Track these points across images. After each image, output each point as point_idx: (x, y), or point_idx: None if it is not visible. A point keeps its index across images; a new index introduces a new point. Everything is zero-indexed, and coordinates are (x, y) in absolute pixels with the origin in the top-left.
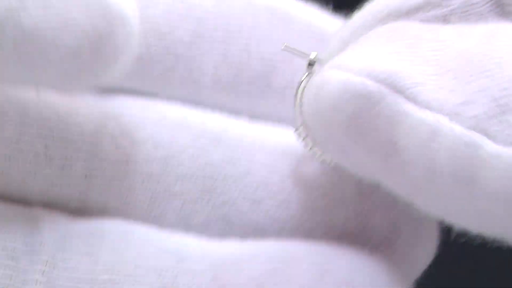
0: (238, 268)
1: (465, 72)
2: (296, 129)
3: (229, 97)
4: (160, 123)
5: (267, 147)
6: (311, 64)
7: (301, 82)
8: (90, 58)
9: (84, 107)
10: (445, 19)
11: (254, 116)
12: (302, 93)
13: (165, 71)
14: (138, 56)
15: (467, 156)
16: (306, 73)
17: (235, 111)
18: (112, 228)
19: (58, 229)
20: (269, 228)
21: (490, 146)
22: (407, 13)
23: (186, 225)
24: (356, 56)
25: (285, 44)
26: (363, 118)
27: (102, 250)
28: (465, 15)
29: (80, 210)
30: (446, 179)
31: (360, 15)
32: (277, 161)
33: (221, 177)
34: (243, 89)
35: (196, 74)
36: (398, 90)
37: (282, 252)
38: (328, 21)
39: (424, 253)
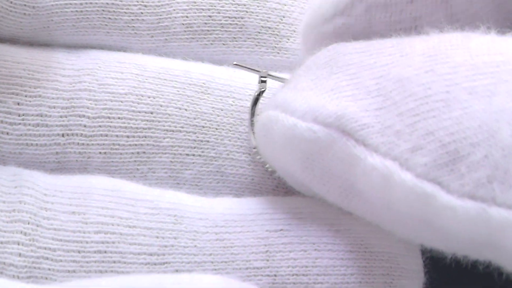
0: (243, 228)
1: (410, 108)
2: (254, 148)
3: (202, 44)
4: (141, 75)
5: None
6: (263, 81)
7: (255, 100)
8: None
9: (56, 63)
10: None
11: (230, 64)
12: (254, 114)
13: (133, 21)
14: (103, 5)
15: (421, 206)
16: (259, 90)
17: (209, 60)
18: (99, 185)
19: (37, 185)
20: (265, 182)
21: (443, 197)
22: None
23: (176, 179)
24: (299, 95)
25: (235, 63)
26: (316, 160)
27: (91, 209)
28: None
29: (58, 171)
30: (406, 219)
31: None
32: None
33: (214, 126)
34: (216, 35)
35: (165, 22)
36: (347, 133)
37: (288, 210)
38: None
39: None
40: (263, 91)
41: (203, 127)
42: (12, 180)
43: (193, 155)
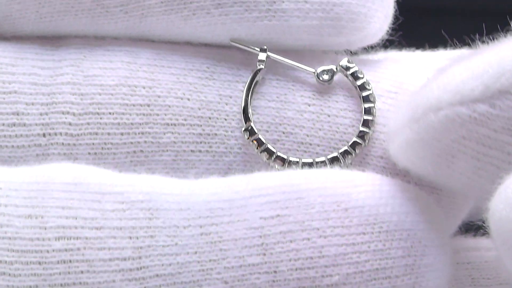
0: (232, 217)
1: None
2: (245, 129)
3: (182, 16)
4: (133, 64)
5: None
6: (260, 60)
7: (252, 79)
8: None
9: (33, 54)
10: None
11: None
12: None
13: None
14: None
15: None
16: (256, 69)
17: (193, 34)
18: (58, 178)
19: None
20: None
21: None
22: None
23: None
24: None
25: (231, 39)
26: None
27: (49, 210)
28: None
29: None
30: None
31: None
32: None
33: (223, 117)
34: (197, 3)
35: None
36: None
37: (284, 189)
38: None
39: None
40: (260, 70)
41: (210, 118)
42: None
43: (199, 151)
